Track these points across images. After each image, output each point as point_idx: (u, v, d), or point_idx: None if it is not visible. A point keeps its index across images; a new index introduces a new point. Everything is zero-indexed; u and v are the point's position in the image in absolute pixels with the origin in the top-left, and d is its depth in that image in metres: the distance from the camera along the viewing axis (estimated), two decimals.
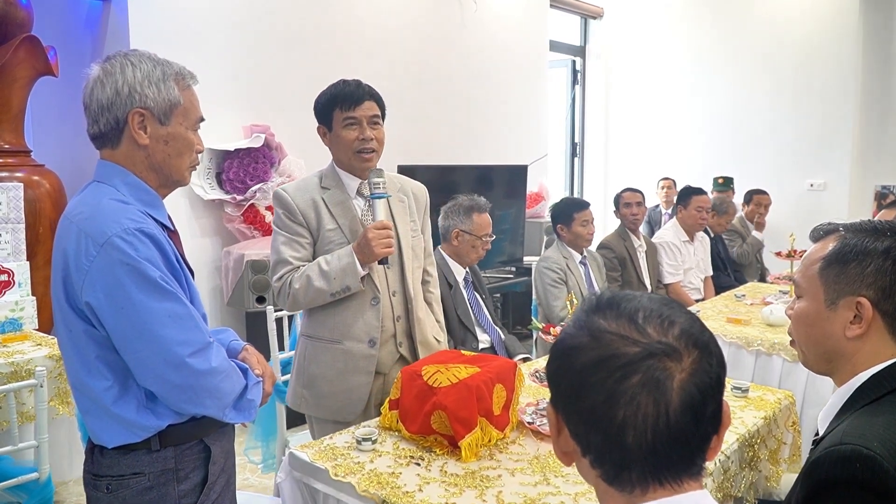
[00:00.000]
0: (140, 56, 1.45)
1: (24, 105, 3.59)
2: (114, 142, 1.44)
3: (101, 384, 1.37)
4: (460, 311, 2.94)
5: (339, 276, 2.05)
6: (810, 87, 6.21)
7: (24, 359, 2.59)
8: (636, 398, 0.77)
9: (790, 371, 2.94)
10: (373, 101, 2.13)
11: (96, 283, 1.32)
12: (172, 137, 1.46)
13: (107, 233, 1.32)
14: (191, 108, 1.49)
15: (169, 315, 1.35)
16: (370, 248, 2.04)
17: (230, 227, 4.01)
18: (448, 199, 3.12)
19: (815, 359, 1.31)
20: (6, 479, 2.14)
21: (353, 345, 2.14)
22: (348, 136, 2.12)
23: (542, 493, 1.56)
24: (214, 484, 1.51)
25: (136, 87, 1.41)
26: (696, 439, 0.80)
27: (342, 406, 2.15)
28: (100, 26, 3.79)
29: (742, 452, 1.89)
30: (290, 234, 2.13)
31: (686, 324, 0.82)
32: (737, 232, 5.46)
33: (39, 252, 3.47)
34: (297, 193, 2.15)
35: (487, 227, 3.02)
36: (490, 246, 3.05)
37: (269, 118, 4.10)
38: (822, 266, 1.26)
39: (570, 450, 0.86)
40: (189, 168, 1.51)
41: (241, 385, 1.47)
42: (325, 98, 2.16)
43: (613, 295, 0.86)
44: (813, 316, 1.27)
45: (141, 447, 1.41)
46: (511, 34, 5.87)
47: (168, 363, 1.34)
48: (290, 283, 2.08)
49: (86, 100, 1.45)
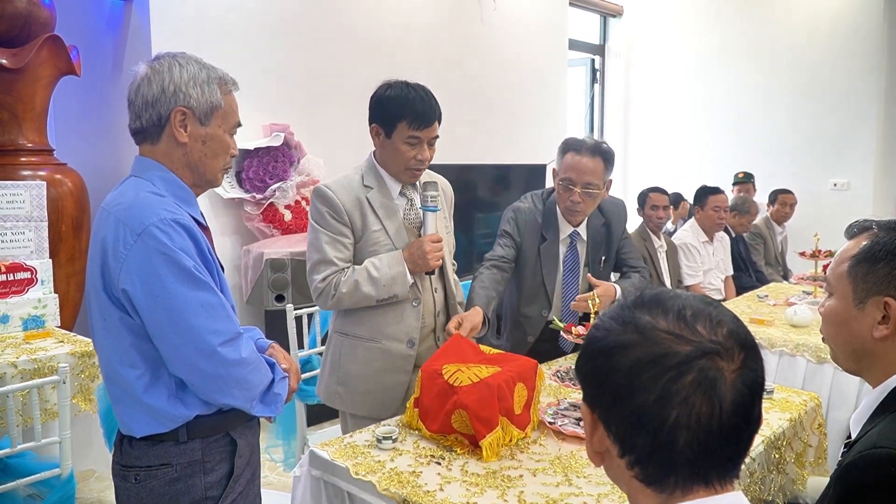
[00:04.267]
0: (187, 58, 1.51)
1: (46, 104, 3.62)
2: (154, 137, 1.49)
3: (134, 373, 1.41)
4: (545, 270, 2.51)
5: (388, 284, 2.05)
6: (833, 85, 6.12)
7: (47, 356, 2.61)
8: (690, 398, 0.76)
9: (815, 372, 2.90)
10: (437, 121, 2.11)
11: (133, 271, 1.36)
12: (210, 138, 1.51)
13: (144, 222, 1.37)
14: (230, 113, 1.55)
15: (202, 304, 1.38)
16: (425, 260, 2.05)
17: (249, 226, 4.02)
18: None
19: (845, 357, 1.29)
20: (29, 475, 2.16)
21: (392, 344, 2.14)
22: (407, 153, 2.08)
23: (564, 494, 1.54)
24: (240, 477, 1.54)
25: (182, 86, 1.46)
26: (745, 438, 0.80)
27: (379, 404, 2.15)
28: (121, 26, 3.82)
29: (768, 455, 1.86)
30: (333, 233, 2.09)
31: (733, 324, 0.81)
32: (760, 235, 5.38)
33: (62, 250, 3.50)
34: (342, 192, 2.10)
35: (573, 172, 2.37)
36: (582, 201, 2.39)
37: (289, 117, 4.10)
38: (851, 264, 1.24)
39: (604, 450, 0.84)
40: (222, 170, 1.57)
41: (268, 378, 1.51)
42: (392, 104, 2.05)
43: (657, 292, 0.84)
44: (841, 315, 1.26)
45: (168, 438, 1.45)
46: (530, 33, 5.85)
47: (199, 351, 1.38)
48: (336, 284, 2.06)
49: (131, 96, 1.49)
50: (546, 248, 2.51)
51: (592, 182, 2.37)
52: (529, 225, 2.52)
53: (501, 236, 2.54)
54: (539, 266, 2.51)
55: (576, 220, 2.49)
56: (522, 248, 2.52)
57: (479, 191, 5.12)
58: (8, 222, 3.09)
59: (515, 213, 2.55)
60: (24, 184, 3.18)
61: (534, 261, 2.51)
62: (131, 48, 3.78)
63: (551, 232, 2.52)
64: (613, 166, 2.46)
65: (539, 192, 2.62)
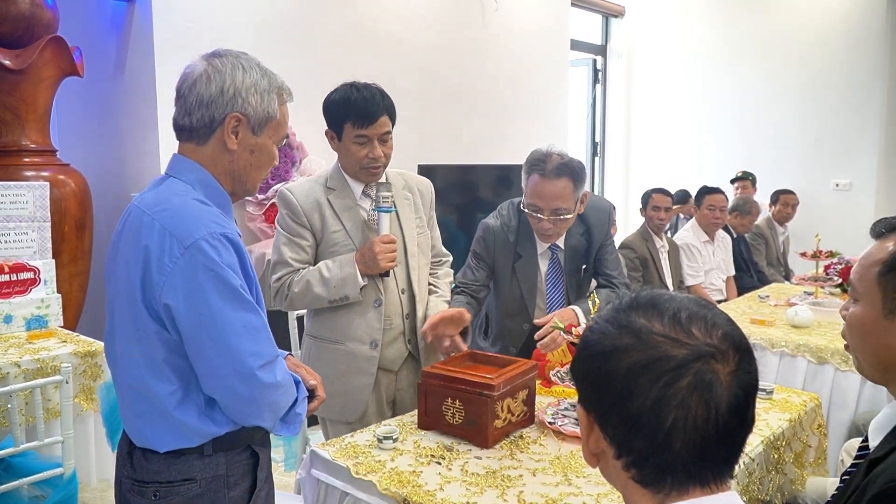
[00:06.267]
0: (250, 61, 1.44)
1: (49, 105, 3.63)
2: (201, 138, 1.42)
3: (166, 388, 1.34)
4: (524, 286, 2.47)
5: (338, 285, 2.06)
6: (836, 84, 6.12)
7: (50, 355, 2.62)
8: (687, 401, 0.76)
9: (816, 373, 2.91)
10: (386, 116, 2.08)
11: (178, 286, 1.29)
12: (259, 148, 1.45)
13: (194, 235, 1.30)
14: (283, 125, 1.50)
15: (244, 325, 1.32)
16: (375, 262, 2.04)
17: (252, 227, 4.03)
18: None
19: (871, 368, 1.24)
20: (32, 474, 2.17)
21: (355, 346, 2.15)
22: (358, 152, 2.09)
23: (564, 494, 1.54)
24: (261, 491, 1.49)
25: (242, 91, 1.40)
26: (740, 440, 0.81)
27: (343, 406, 2.16)
28: (124, 27, 3.83)
29: (767, 455, 1.86)
30: (291, 234, 2.12)
31: (727, 326, 0.81)
32: (762, 235, 5.38)
33: (65, 250, 3.51)
34: (301, 194, 2.14)
35: (539, 199, 2.26)
36: (553, 226, 2.29)
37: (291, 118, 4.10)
38: (881, 271, 1.17)
39: (600, 451, 0.84)
40: (261, 181, 1.52)
41: (293, 398, 1.45)
42: (335, 107, 2.10)
43: (653, 294, 0.84)
44: (869, 324, 1.19)
45: (193, 452, 1.38)
46: (532, 33, 5.85)
47: (238, 373, 1.32)
48: (288, 285, 2.09)
49: (184, 90, 1.41)
50: (522, 265, 2.44)
51: (561, 207, 2.26)
52: (500, 245, 2.43)
53: (472, 256, 2.49)
54: (516, 283, 2.45)
55: (550, 241, 2.43)
56: (496, 268, 2.47)
57: (480, 191, 5.12)
58: (11, 223, 3.10)
59: (484, 233, 2.48)
60: (27, 184, 3.19)
61: (509, 279, 2.46)
62: (134, 49, 3.79)
63: (528, 247, 2.44)
64: (585, 179, 2.31)
65: (517, 201, 2.48)
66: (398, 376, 2.23)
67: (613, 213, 2.56)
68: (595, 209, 2.49)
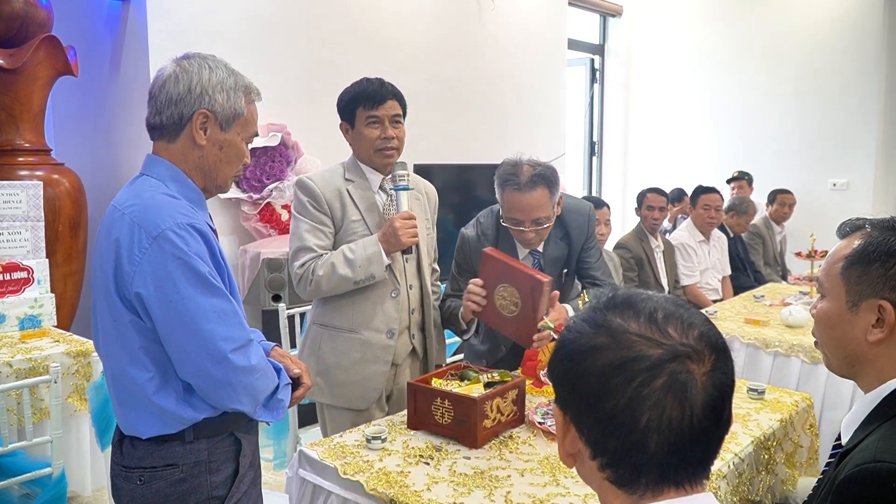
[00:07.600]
0: (217, 62, 1.51)
1: (44, 104, 3.63)
2: (171, 136, 1.49)
3: (144, 375, 1.40)
4: None
5: (364, 265, 2.08)
6: (833, 84, 6.11)
7: (42, 355, 2.62)
8: (661, 401, 0.76)
9: (809, 373, 2.90)
10: (395, 101, 2.17)
11: (147, 274, 1.35)
12: (228, 144, 1.52)
13: (160, 226, 1.36)
14: (251, 122, 1.56)
15: (214, 310, 1.38)
16: (397, 237, 2.07)
17: (247, 226, 4.03)
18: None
19: (838, 362, 1.26)
20: (21, 474, 2.17)
21: (372, 335, 2.17)
22: (370, 134, 2.15)
23: (552, 494, 1.54)
24: (244, 477, 1.54)
25: (209, 89, 1.47)
26: (716, 441, 0.80)
27: (358, 395, 2.18)
28: (119, 26, 3.82)
29: (757, 455, 1.85)
30: (314, 221, 2.15)
31: (703, 326, 0.81)
32: (759, 235, 5.37)
33: (59, 250, 3.51)
34: (323, 182, 2.18)
35: (518, 213, 2.25)
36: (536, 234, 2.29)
37: (286, 117, 4.10)
38: (844, 266, 1.21)
39: (576, 451, 0.84)
40: (233, 177, 1.57)
41: (273, 384, 1.50)
42: (348, 96, 2.18)
43: (629, 293, 0.84)
44: (834, 318, 1.22)
45: (175, 438, 1.44)
46: (529, 32, 5.84)
47: (210, 357, 1.37)
48: (313, 269, 2.10)
49: (154, 91, 1.50)
50: None
51: (541, 216, 2.25)
52: (477, 255, 2.39)
53: (455, 266, 2.50)
54: None
55: (532, 248, 2.41)
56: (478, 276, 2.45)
57: (478, 191, 5.11)
58: (4, 222, 3.10)
59: (462, 243, 2.48)
60: (20, 184, 3.19)
61: None
62: (128, 48, 3.79)
63: (509, 253, 2.39)
64: (559, 182, 2.29)
65: (496, 208, 2.45)
66: (399, 370, 2.26)
67: (594, 215, 2.54)
68: (574, 212, 2.46)
